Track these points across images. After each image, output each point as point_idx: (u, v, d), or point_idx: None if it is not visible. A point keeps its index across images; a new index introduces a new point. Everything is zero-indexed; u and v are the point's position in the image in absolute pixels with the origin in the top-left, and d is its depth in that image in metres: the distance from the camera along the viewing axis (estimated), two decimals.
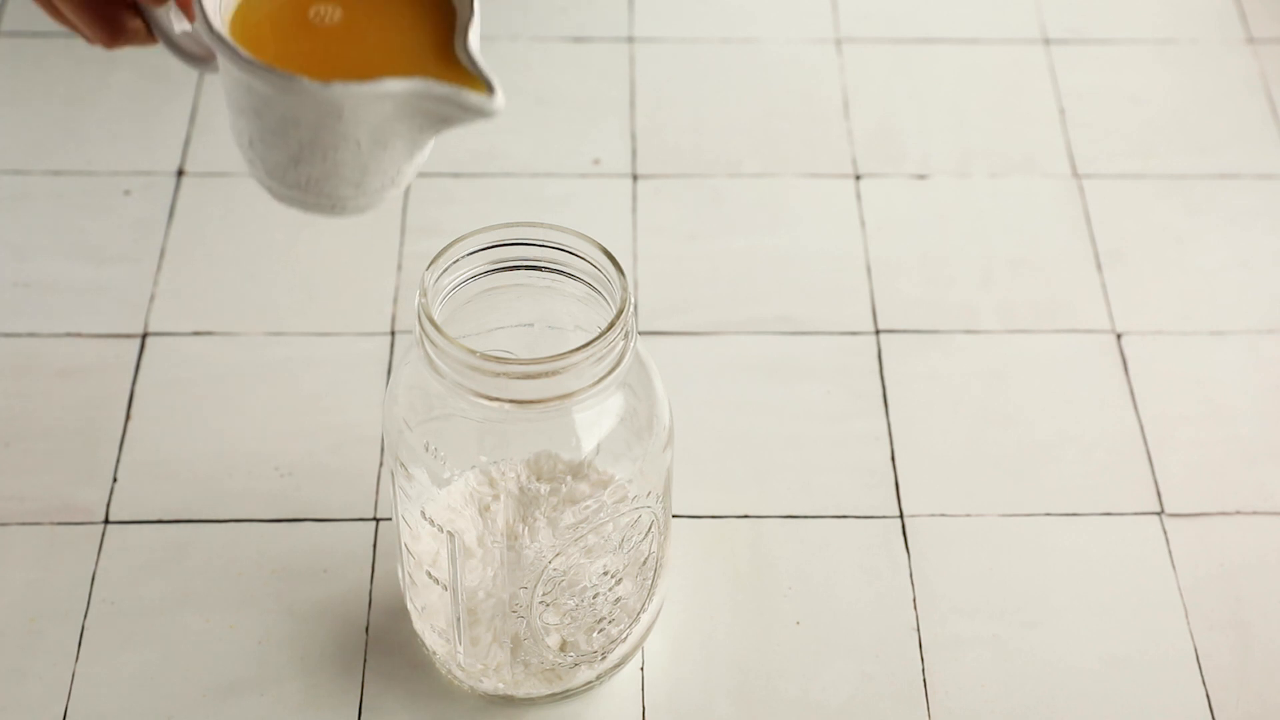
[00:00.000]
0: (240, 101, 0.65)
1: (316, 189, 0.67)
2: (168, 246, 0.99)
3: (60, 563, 0.85)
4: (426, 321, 0.70)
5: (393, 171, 0.66)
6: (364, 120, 0.64)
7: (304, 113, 0.64)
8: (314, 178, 0.66)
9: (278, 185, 0.67)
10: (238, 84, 0.64)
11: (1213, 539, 0.87)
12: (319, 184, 0.66)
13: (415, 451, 0.74)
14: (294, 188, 0.67)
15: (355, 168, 0.66)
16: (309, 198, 0.67)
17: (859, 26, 1.14)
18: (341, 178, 0.66)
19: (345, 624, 0.83)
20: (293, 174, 0.66)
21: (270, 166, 0.67)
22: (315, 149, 0.65)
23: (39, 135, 1.05)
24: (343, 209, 0.68)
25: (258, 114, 0.65)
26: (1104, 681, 0.82)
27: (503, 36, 1.12)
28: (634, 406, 0.74)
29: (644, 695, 0.81)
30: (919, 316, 0.97)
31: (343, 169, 0.66)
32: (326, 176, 0.66)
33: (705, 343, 0.95)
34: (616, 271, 0.72)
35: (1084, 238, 1.01)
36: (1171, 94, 1.10)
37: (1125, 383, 0.94)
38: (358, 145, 0.65)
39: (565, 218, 0.78)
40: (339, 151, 0.65)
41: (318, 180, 0.66)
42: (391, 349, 0.94)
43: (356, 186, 0.67)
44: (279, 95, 0.63)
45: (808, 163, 1.05)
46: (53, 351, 0.94)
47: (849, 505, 0.88)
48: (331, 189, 0.67)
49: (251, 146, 0.66)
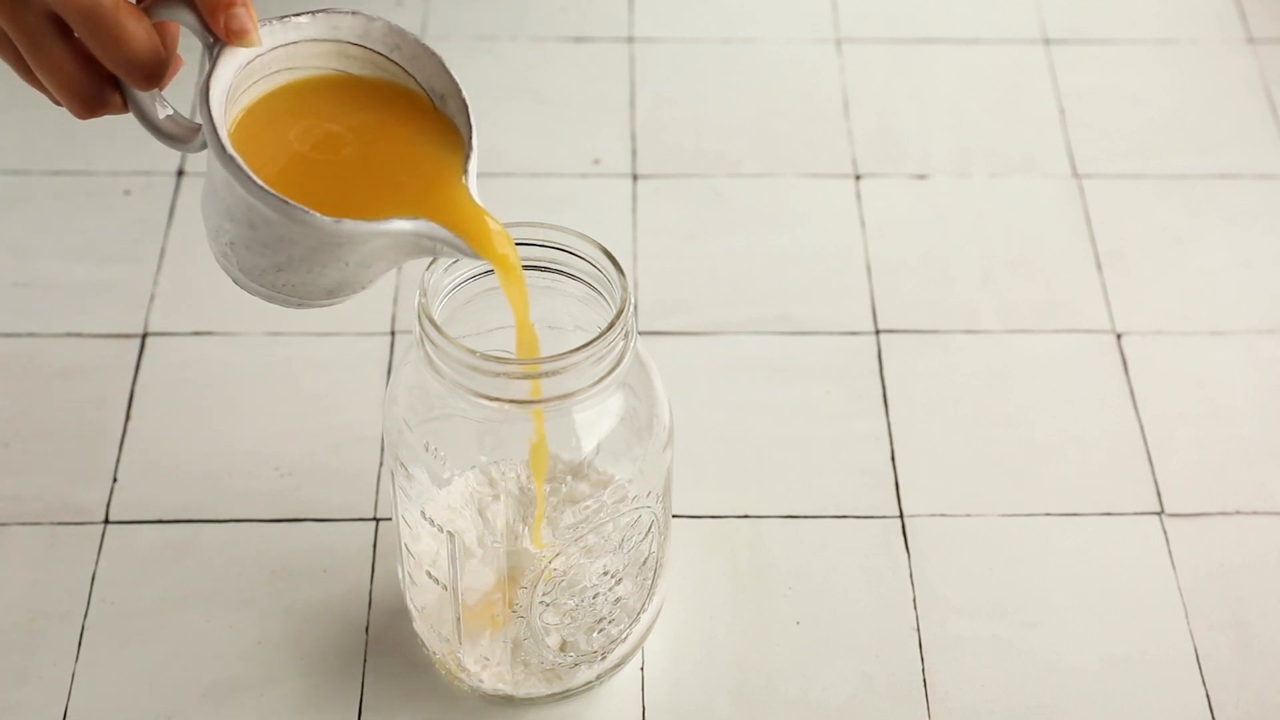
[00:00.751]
0: (234, 212, 0.64)
1: (289, 291, 0.67)
2: (168, 246, 0.99)
3: (60, 563, 0.85)
4: (426, 321, 0.70)
5: (367, 282, 0.67)
6: (361, 249, 0.64)
7: (305, 239, 0.63)
8: (291, 284, 0.66)
9: (249, 282, 0.67)
10: (239, 201, 0.64)
11: (1213, 539, 0.87)
12: (293, 289, 0.66)
13: (415, 451, 0.74)
14: (267, 287, 0.67)
15: (336, 281, 0.66)
16: (277, 296, 0.67)
17: (859, 26, 1.14)
18: (319, 288, 0.66)
19: (345, 624, 0.83)
20: (270, 278, 0.66)
21: (247, 268, 0.66)
22: (303, 265, 0.65)
23: (39, 135, 1.05)
24: (308, 308, 0.68)
25: (251, 227, 0.64)
26: (1104, 681, 0.82)
27: (503, 36, 1.12)
28: (634, 406, 0.74)
29: (644, 695, 0.81)
30: (919, 316, 0.97)
31: (323, 281, 0.66)
32: (304, 285, 0.66)
33: (705, 343, 0.95)
34: (616, 271, 0.72)
35: (1084, 238, 1.01)
36: (1171, 94, 1.10)
37: (1125, 383, 0.94)
38: (346, 265, 0.65)
39: (565, 218, 0.78)
40: (326, 269, 0.65)
41: (294, 286, 0.66)
42: (391, 349, 0.94)
43: (330, 294, 0.67)
44: (285, 222, 0.63)
45: (808, 163, 1.05)
46: (53, 351, 0.94)
47: (849, 505, 0.88)
48: (305, 294, 0.67)
49: (232, 248, 0.66)
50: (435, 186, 0.67)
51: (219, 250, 0.67)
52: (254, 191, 0.62)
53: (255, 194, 0.62)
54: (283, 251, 0.64)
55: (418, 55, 0.68)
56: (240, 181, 0.62)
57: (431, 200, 0.66)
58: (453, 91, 0.68)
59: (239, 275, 0.67)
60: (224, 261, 0.67)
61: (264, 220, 0.63)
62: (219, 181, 0.64)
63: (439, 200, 0.66)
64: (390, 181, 0.67)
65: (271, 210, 0.62)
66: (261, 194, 0.62)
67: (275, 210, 0.62)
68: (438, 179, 0.67)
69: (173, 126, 0.67)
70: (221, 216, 0.65)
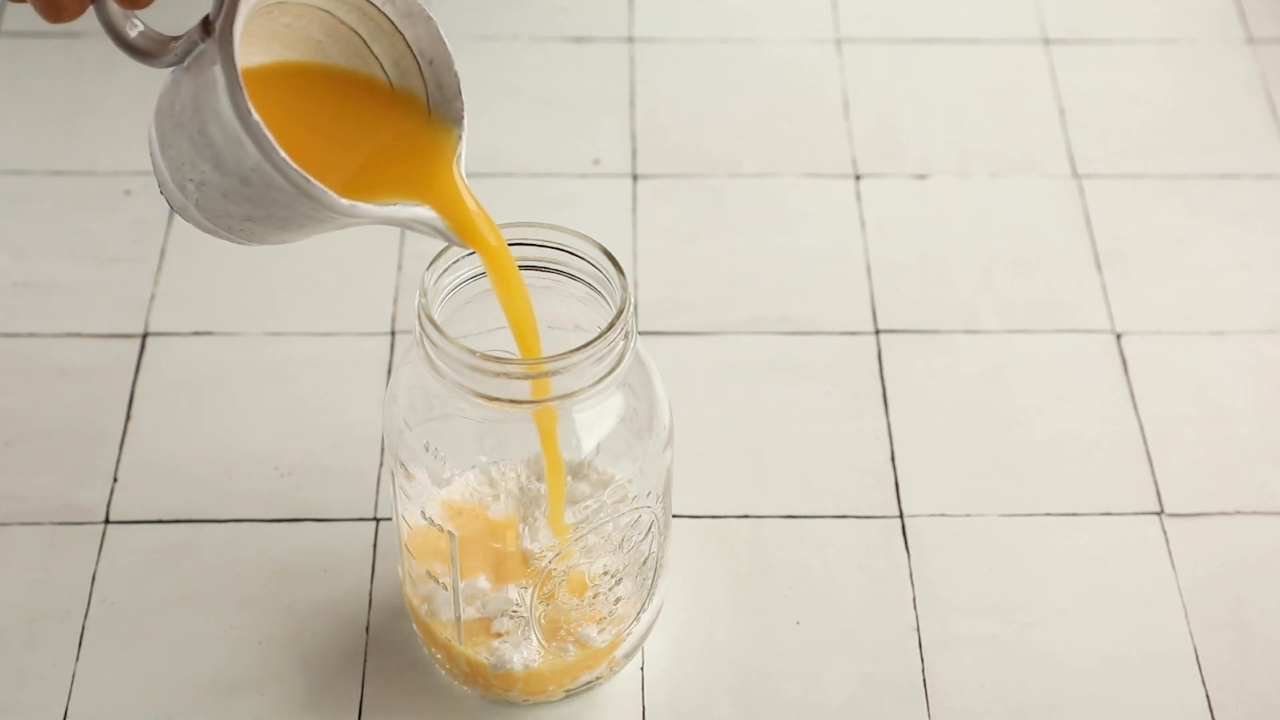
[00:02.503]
0: (224, 162, 0.62)
1: (244, 235, 0.64)
2: (168, 246, 0.99)
3: (60, 563, 0.85)
4: (426, 321, 0.70)
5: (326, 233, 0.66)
6: (352, 224, 0.63)
7: (305, 209, 0.62)
8: (253, 232, 0.64)
9: (202, 219, 0.64)
10: (243, 158, 0.61)
11: (1213, 539, 0.87)
12: (251, 235, 0.64)
13: (415, 451, 0.74)
14: (224, 228, 0.64)
15: (301, 236, 0.64)
16: (227, 235, 0.65)
17: (859, 26, 1.14)
18: (280, 239, 0.64)
19: (345, 624, 0.83)
20: (233, 223, 0.64)
21: (211, 209, 0.64)
22: (281, 223, 0.63)
23: (39, 135, 1.05)
24: (248, 246, 0.66)
25: (245, 183, 0.62)
26: (1104, 681, 0.82)
27: (503, 36, 1.12)
28: (634, 406, 0.74)
29: (644, 695, 0.81)
30: (919, 316, 0.97)
31: (288, 236, 0.64)
32: (267, 235, 0.64)
33: (705, 343, 0.95)
34: (617, 271, 0.72)
35: (1084, 238, 1.01)
36: (1171, 94, 1.10)
37: (1125, 383, 0.94)
38: (323, 229, 0.64)
39: (565, 218, 0.78)
40: (302, 230, 0.63)
41: (255, 234, 0.64)
42: (391, 349, 0.95)
43: (284, 242, 0.65)
44: (293, 192, 0.61)
45: (808, 163, 1.05)
46: (53, 351, 0.94)
47: (849, 505, 0.88)
48: (259, 239, 0.64)
49: (201, 188, 0.63)
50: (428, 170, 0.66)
51: (177, 182, 0.63)
52: (273, 158, 0.60)
53: (274, 161, 0.60)
54: (266, 209, 0.62)
55: (412, 13, 0.66)
56: (260, 145, 0.60)
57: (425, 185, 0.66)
58: (443, 59, 0.66)
59: (192, 210, 0.64)
60: (178, 193, 0.64)
61: (266, 183, 0.61)
62: (215, 128, 0.61)
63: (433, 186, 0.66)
64: (381, 159, 0.66)
65: (285, 180, 0.60)
66: (282, 164, 0.60)
67: (291, 182, 0.60)
68: (429, 161, 0.66)
69: (145, 42, 0.63)
70: (200, 157, 0.62)
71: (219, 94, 0.61)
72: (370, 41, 0.67)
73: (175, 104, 0.63)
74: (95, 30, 1.10)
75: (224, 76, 0.61)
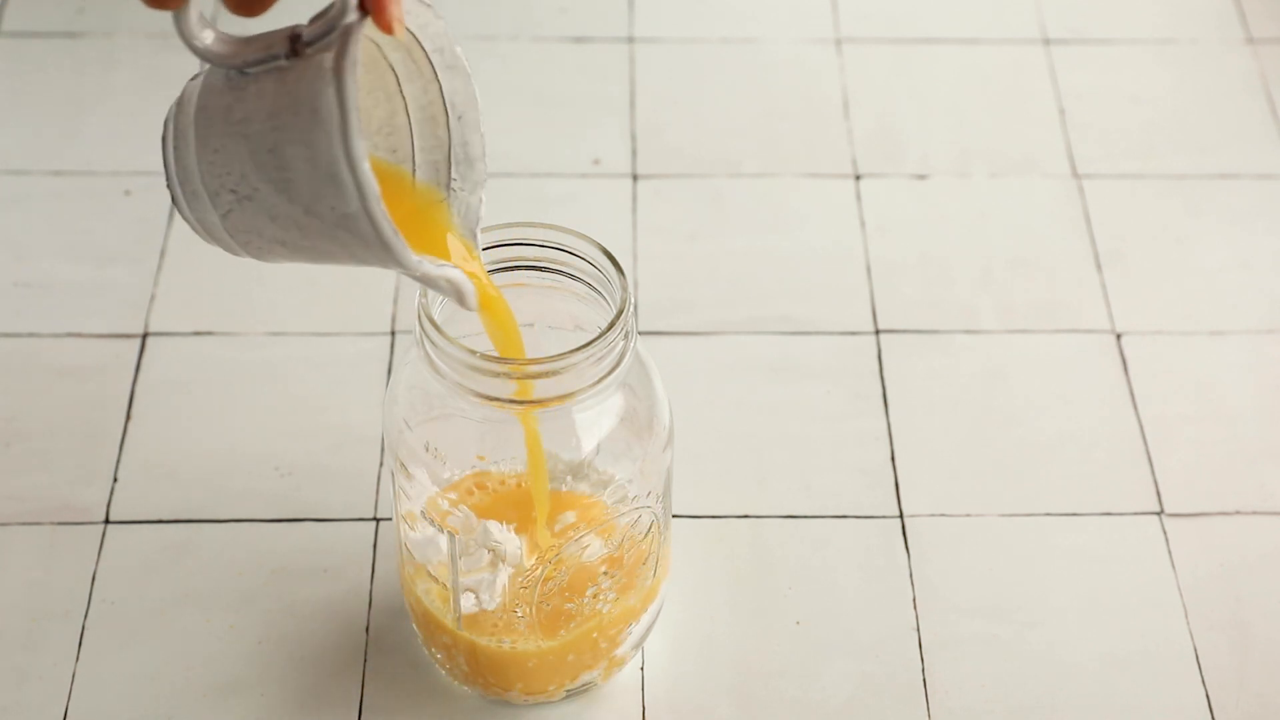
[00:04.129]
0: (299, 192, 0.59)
1: (258, 250, 0.63)
2: (168, 246, 0.99)
3: (60, 563, 0.85)
4: (426, 321, 0.70)
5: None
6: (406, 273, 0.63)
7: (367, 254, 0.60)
8: (271, 250, 0.63)
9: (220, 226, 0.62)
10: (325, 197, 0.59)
11: (1213, 539, 0.87)
12: (266, 251, 0.63)
13: (415, 451, 0.74)
14: (240, 242, 0.63)
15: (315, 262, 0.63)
16: (237, 248, 0.63)
17: (859, 26, 1.14)
18: (291, 260, 0.63)
19: (345, 624, 0.83)
20: (256, 240, 0.62)
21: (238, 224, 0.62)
22: (316, 253, 0.62)
23: (39, 135, 1.05)
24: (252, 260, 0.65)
25: (314, 216, 0.59)
26: (1104, 681, 0.82)
27: (503, 36, 1.12)
28: (634, 406, 0.74)
29: (644, 695, 0.81)
30: (919, 316, 0.97)
31: (303, 259, 0.63)
32: (284, 255, 0.63)
33: (705, 343, 0.95)
34: (616, 271, 0.72)
35: (1084, 238, 1.01)
36: (1171, 94, 1.10)
37: (1125, 383, 0.94)
38: (354, 263, 0.62)
39: (565, 218, 0.78)
40: (328, 260, 0.62)
41: (270, 250, 0.63)
42: (391, 349, 0.95)
43: (289, 262, 0.64)
44: (375, 242, 0.59)
45: (808, 163, 1.05)
46: (53, 351, 0.94)
47: (849, 505, 0.88)
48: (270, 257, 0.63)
49: (241, 204, 0.61)
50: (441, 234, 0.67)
51: (210, 189, 0.61)
52: (373, 212, 0.58)
53: (372, 214, 0.58)
54: (315, 242, 0.61)
55: (455, 66, 0.66)
56: (364, 198, 0.58)
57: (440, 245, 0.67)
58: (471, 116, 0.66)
59: (210, 216, 0.62)
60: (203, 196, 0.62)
61: (347, 228, 0.59)
62: (299, 156, 0.59)
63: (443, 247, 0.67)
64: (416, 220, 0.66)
65: (374, 233, 0.59)
66: (381, 219, 0.58)
67: (380, 235, 0.59)
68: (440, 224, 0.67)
69: (220, 47, 0.61)
70: (260, 175, 0.60)
71: (326, 131, 0.58)
72: (404, 81, 0.67)
73: (234, 110, 0.61)
74: (95, 30, 1.11)
75: (339, 115, 0.58)
